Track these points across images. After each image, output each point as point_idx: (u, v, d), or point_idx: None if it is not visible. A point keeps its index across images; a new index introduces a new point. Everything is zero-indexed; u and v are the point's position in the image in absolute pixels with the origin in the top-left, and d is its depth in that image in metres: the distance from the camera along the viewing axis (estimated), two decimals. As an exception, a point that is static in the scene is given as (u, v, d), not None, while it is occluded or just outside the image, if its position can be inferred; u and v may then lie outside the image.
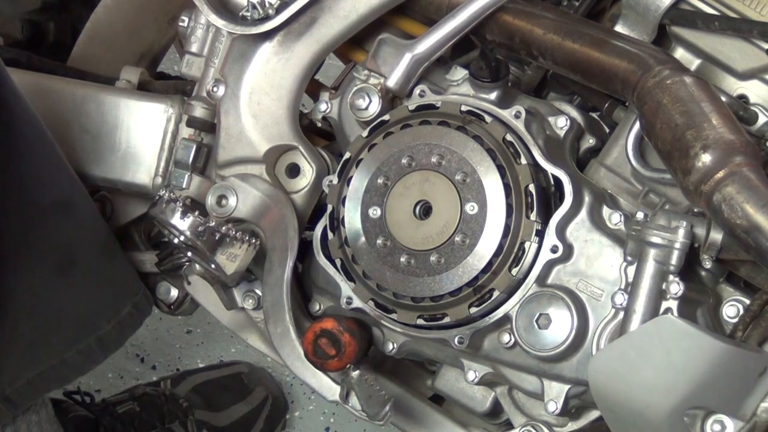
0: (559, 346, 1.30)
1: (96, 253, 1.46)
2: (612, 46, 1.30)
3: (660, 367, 1.16)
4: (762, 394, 1.18)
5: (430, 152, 1.34)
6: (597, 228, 1.32)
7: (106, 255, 1.48)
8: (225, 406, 1.98)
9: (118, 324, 1.47)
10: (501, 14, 1.38)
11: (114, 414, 1.87)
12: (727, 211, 1.14)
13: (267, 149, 1.46)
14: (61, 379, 1.47)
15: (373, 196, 1.36)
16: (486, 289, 1.32)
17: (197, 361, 2.20)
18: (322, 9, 1.43)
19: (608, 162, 1.38)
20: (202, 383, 2.00)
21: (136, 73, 1.66)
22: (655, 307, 1.25)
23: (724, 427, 1.18)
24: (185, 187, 1.49)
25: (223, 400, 1.99)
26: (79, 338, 1.45)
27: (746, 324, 1.28)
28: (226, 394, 2.00)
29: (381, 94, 1.42)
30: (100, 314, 1.46)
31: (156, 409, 1.92)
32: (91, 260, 1.46)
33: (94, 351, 1.46)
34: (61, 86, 1.58)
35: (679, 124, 1.19)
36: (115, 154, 1.55)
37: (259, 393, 2.02)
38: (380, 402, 1.34)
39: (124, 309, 1.49)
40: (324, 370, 1.39)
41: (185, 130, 1.52)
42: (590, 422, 1.39)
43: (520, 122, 1.35)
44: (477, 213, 1.31)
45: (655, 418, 1.18)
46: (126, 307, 1.49)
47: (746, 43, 1.34)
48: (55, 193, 1.40)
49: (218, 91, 1.47)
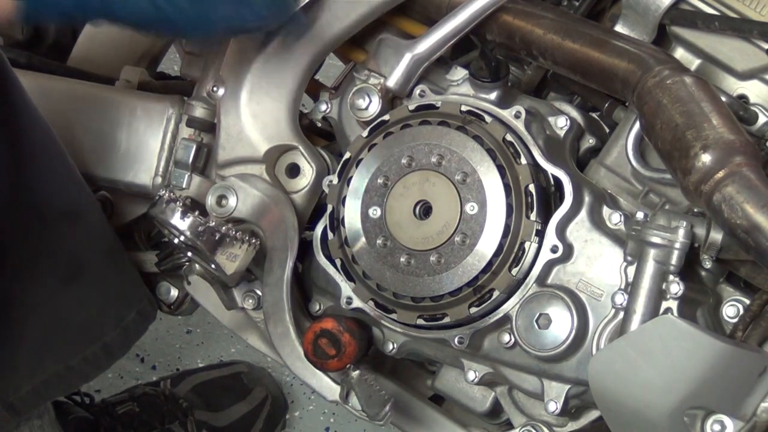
0: (559, 346, 1.30)
1: (103, 261, 1.46)
2: (612, 46, 1.30)
3: (660, 367, 1.16)
4: (762, 394, 1.18)
5: (430, 152, 1.34)
6: (597, 228, 1.32)
7: (113, 262, 1.48)
8: (225, 406, 1.98)
9: (123, 331, 1.47)
10: (501, 14, 1.38)
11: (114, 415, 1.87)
12: (727, 211, 1.14)
13: (267, 149, 1.46)
14: (66, 386, 1.47)
15: (373, 196, 1.36)
16: (486, 289, 1.32)
17: (197, 361, 2.20)
18: (322, 9, 1.43)
19: (608, 162, 1.38)
20: (201, 383, 2.00)
21: (136, 73, 1.66)
22: (655, 307, 1.25)
23: (724, 427, 1.18)
24: (185, 187, 1.49)
25: (222, 400, 1.98)
26: (84, 345, 1.44)
27: (746, 324, 1.28)
28: (226, 394, 2.00)
29: (381, 94, 1.42)
30: (106, 321, 1.46)
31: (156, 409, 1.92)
32: (98, 268, 1.45)
33: (100, 358, 1.46)
34: (62, 86, 1.58)
35: (679, 124, 1.19)
36: (115, 154, 1.54)
37: (258, 393, 2.02)
38: (380, 402, 1.34)
39: (129, 316, 1.48)
40: (324, 370, 1.40)
41: (185, 130, 1.52)
42: (590, 422, 1.39)
43: (520, 122, 1.35)
44: (477, 213, 1.31)
45: (655, 418, 1.18)
46: (131, 314, 1.48)
47: (746, 43, 1.34)
48: (64, 201, 1.40)
49: (218, 91, 1.47)
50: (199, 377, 2.02)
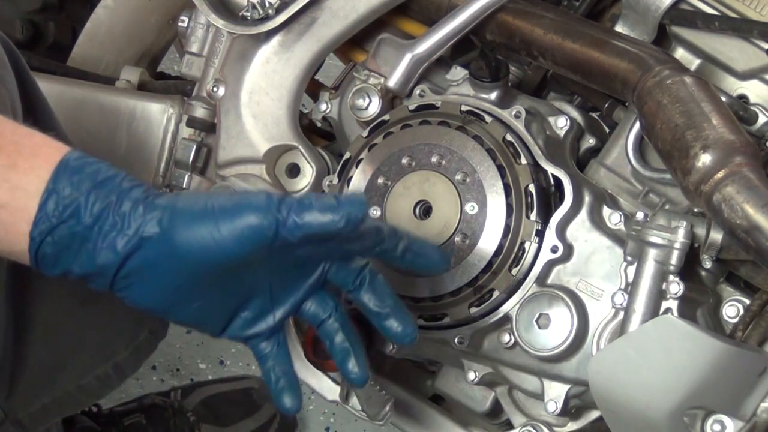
0: (559, 346, 1.30)
1: None
2: (612, 46, 1.30)
3: (660, 367, 1.16)
4: (762, 394, 1.18)
5: (430, 152, 1.34)
6: (597, 228, 1.32)
7: None
8: (232, 421, 1.97)
9: (135, 350, 1.46)
10: (501, 14, 1.38)
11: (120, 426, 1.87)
12: (727, 211, 1.14)
13: (267, 149, 1.46)
14: (75, 404, 1.46)
15: (373, 196, 1.36)
16: (486, 289, 1.32)
17: (197, 361, 2.20)
18: (322, 9, 1.43)
19: (608, 162, 1.38)
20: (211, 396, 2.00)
21: (136, 73, 1.66)
22: (655, 307, 1.25)
23: (724, 427, 1.18)
24: (185, 187, 1.49)
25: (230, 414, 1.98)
26: (96, 365, 1.43)
27: (746, 324, 1.28)
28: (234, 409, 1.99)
29: (381, 94, 1.42)
30: (119, 341, 1.45)
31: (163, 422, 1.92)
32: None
33: (111, 377, 1.44)
34: (61, 86, 1.58)
35: (679, 124, 1.19)
36: (115, 155, 1.54)
37: (267, 410, 2.01)
38: (380, 402, 1.34)
39: (141, 335, 1.46)
40: (324, 370, 1.39)
41: (185, 130, 1.52)
42: (590, 422, 1.39)
43: (520, 122, 1.35)
44: (477, 213, 1.31)
45: (655, 418, 1.18)
46: (143, 333, 1.47)
47: (746, 43, 1.34)
48: None
49: (218, 91, 1.47)
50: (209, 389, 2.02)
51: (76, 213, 1.01)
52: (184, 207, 1.03)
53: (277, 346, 1.13)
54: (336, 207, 1.03)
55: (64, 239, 1.01)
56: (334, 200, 1.04)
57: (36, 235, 1.01)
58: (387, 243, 1.10)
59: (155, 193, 1.04)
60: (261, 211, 1.02)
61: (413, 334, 1.17)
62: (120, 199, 1.01)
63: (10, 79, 1.25)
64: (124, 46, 1.81)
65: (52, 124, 1.34)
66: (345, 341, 1.15)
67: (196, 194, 1.06)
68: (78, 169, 1.02)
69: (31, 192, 1.01)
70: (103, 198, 1.01)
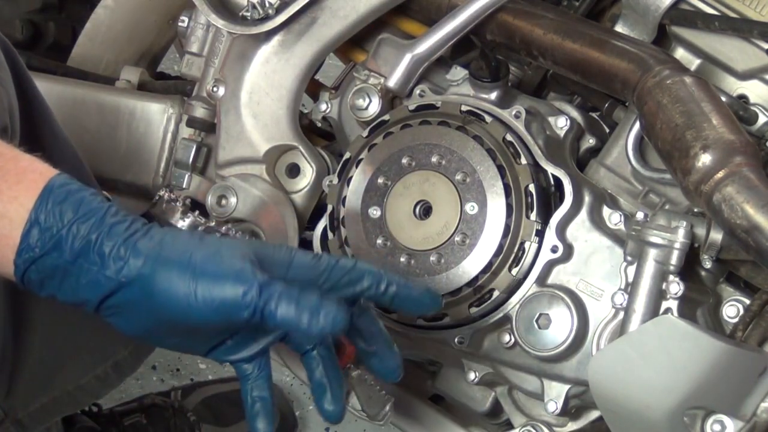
0: (559, 346, 1.30)
1: None
2: (612, 46, 1.30)
3: (660, 367, 1.16)
4: (762, 394, 1.18)
5: (430, 152, 1.34)
6: (597, 228, 1.32)
7: None
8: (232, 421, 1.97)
9: (134, 349, 1.45)
10: (501, 14, 1.38)
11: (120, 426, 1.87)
12: (727, 211, 1.14)
13: (267, 149, 1.46)
14: (75, 404, 1.45)
15: (373, 196, 1.36)
16: (486, 289, 1.32)
17: (197, 361, 2.20)
18: (322, 9, 1.43)
19: (608, 162, 1.38)
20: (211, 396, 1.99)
21: (136, 73, 1.66)
22: (655, 307, 1.25)
23: (724, 427, 1.18)
24: (185, 187, 1.49)
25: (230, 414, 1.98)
26: (96, 364, 1.43)
27: (746, 324, 1.28)
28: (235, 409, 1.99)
29: (381, 94, 1.42)
30: (118, 341, 1.45)
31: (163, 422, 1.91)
32: None
33: (110, 376, 1.44)
34: (61, 86, 1.58)
35: (679, 124, 1.19)
36: (115, 154, 1.55)
37: None
38: (380, 402, 1.34)
39: None
40: (324, 370, 1.39)
41: (185, 130, 1.52)
42: (590, 422, 1.39)
43: (520, 122, 1.35)
44: (477, 213, 1.31)
45: (655, 418, 1.18)
46: None
47: (746, 43, 1.34)
48: None
49: (218, 91, 1.47)
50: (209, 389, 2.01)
51: (58, 246, 1.00)
52: (167, 258, 1.01)
53: (258, 369, 1.12)
54: (318, 312, 1.00)
55: (47, 269, 1.01)
56: (318, 303, 1.00)
57: (20, 263, 1.01)
58: (375, 290, 1.09)
59: (139, 228, 1.03)
60: (241, 286, 1.00)
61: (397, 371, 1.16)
62: (100, 239, 1.00)
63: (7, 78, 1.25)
64: (124, 45, 1.81)
65: (50, 124, 1.34)
66: (323, 377, 1.14)
67: (182, 239, 1.03)
68: (61, 199, 1.01)
69: (15, 221, 1.00)
70: (83, 235, 1.00)
